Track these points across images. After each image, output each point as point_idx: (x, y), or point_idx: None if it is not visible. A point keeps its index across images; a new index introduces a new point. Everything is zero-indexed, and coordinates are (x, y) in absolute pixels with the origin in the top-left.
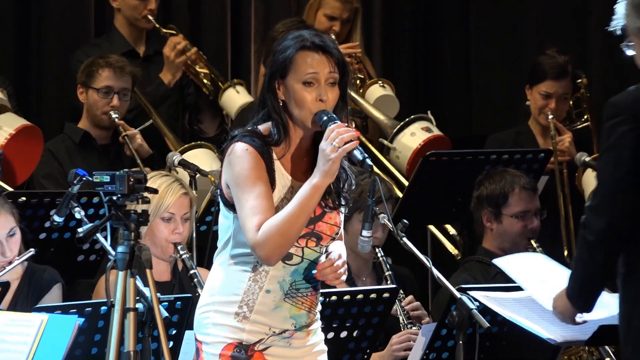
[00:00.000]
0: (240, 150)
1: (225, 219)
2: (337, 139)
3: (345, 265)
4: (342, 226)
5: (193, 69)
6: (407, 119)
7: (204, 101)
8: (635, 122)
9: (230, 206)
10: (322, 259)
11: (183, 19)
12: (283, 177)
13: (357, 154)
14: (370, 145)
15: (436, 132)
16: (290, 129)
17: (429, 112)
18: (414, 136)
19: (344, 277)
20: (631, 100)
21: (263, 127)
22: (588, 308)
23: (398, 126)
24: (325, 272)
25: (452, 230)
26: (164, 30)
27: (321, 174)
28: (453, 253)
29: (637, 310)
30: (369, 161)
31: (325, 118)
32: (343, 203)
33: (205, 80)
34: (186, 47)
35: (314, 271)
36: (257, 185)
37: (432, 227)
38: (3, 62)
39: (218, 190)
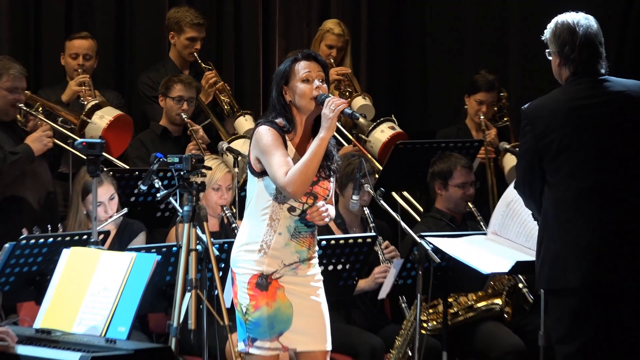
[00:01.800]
0: (264, 130)
1: (250, 184)
2: (332, 104)
3: (329, 212)
4: (332, 191)
5: (219, 97)
6: (377, 121)
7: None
8: (532, 125)
9: (256, 174)
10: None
11: (228, 52)
12: (293, 153)
13: (347, 110)
14: (353, 139)
15: (398, 129)
16: (297, 120)
17: (392, 115)
18: (383, 132)
19: (327, 219)
20: (532, 110)
21: (277, 121)
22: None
23: (372, 126)
24: (313, 215)
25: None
26: (203, 65)
27: (325, 129)
28: (417, 207)
29: (544, 245)
30: (356, 114)
31: (323, 97)
32: (331, 174)
33: (225, 106)
34: (216, 81)
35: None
36: (279, 149)
37: (394, 194)
38: (107, 77)
39: (247, 164)
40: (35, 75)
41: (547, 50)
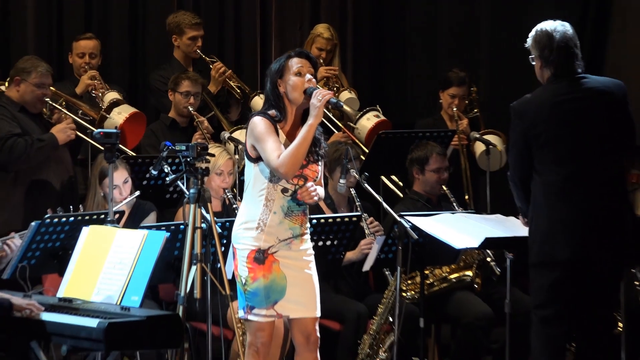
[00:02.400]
0: (258, 120)
1: (247, 169)
2: (320, 94)
3: (317, 191)
4: (320, 174)
5: (228, 83)
6: (364, 110)
7: (233, 100)
8: (520, 119)
9: (253, 160)
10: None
11: (230, 52)
12: (284, 140)
13: (333, 100)
14: (342, 127)
15: (382, 117)
16: (288, 111)
17: (377, 105)
18: (369, 120)
19: (316, 198)
20: (519, 105)
21: (270, 112)
22: (525, 210)
23: (359, 114)
24: (303, 195)
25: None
26: (208, 59)
27: (313, 117)
28: (397, 191)
29: (534, 224)
30: (340, 102)
31: (311, 89)
32: (319, 158)
33: (237, 90)
34: (224, 70)
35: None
36: (272, 135)
37: (383, 177)
38: (122, 74)
39: (244, 152)
40: (58, 72)
41: (530, 57)
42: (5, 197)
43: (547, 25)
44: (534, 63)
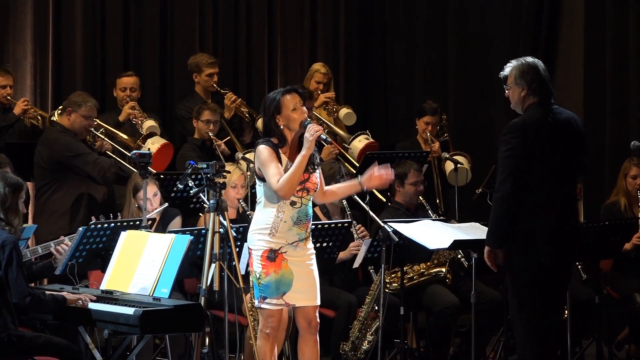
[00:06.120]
0: (262, 148)
1: (259, 185)
2: (312, 130)
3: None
4: (319, 183)
5: (240, 110)
6: (356, 134)
7: (245, 125)
8: (523, 132)
9: (261, 179)
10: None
11: (243, 86)
12: (286, 161)
13: (322, 136)
14: (340, 149)
15: (371, 140)
16: (287, 138)
17: (367, 130)
18: (360, 142)
19: (319, 133)
20: (520, 123)
21: (272, 139)
22: (499, 244)
23: (351, 138)
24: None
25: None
26: (222, 91)
27: (306, 149)
28: (383, 200)
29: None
30: (328, 140)
31: (306, 122)
32: (316, 168)
33: (246, 115)
34: (235, 99)
35: (310, 211)
36: (274, 163)
37: (374, 190)
38: (153, 104)
39: (254, 173)
40: (101, 103)
41: (506, 86)
42: (57, 210)
43: (529, 59)
44: (508, 90)
